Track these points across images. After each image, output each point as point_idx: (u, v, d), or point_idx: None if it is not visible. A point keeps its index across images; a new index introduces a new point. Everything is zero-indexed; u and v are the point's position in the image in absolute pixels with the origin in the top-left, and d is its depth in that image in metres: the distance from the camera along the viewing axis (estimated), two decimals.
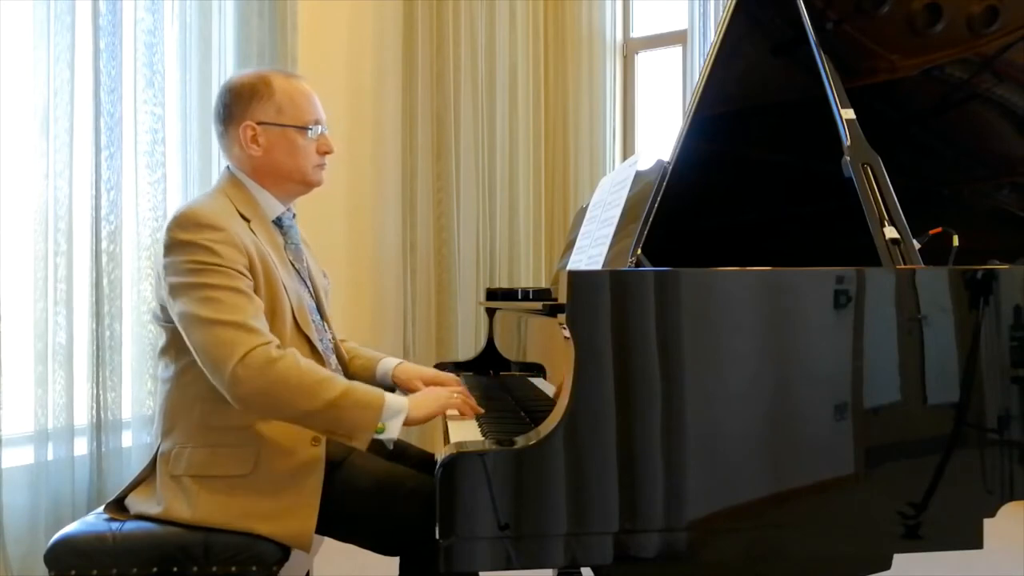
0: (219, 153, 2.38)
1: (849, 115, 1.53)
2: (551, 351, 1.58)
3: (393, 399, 1.54)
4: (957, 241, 1.56)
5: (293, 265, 1.74)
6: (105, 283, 2.61)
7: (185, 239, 1.52)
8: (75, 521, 1.62)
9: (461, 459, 1.21)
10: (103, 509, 1.62)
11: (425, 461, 1.85)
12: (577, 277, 1.25)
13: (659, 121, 4.29)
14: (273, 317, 1.58)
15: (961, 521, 1.29)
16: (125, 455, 2.68)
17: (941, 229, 1.56)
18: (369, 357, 1.94)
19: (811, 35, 1.62)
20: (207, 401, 1.55)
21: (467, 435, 1.54)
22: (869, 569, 1.30)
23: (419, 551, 1.56)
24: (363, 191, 3.90)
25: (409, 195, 3.93)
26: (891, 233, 1.42)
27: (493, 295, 2.71)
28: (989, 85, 1.80)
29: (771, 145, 1.94)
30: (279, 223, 1.74)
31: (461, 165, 3.95)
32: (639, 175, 1.66)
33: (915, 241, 1.43)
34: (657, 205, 1.52)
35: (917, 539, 1.28)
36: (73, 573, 1.50)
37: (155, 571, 1.49)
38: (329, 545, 1.75)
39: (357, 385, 1.53)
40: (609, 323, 1.24)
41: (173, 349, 1.60)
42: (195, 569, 1.49)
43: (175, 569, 1.49)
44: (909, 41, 1.80)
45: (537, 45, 4.18)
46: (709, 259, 1.38)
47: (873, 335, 1.28)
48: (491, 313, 2.61)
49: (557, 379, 1.45)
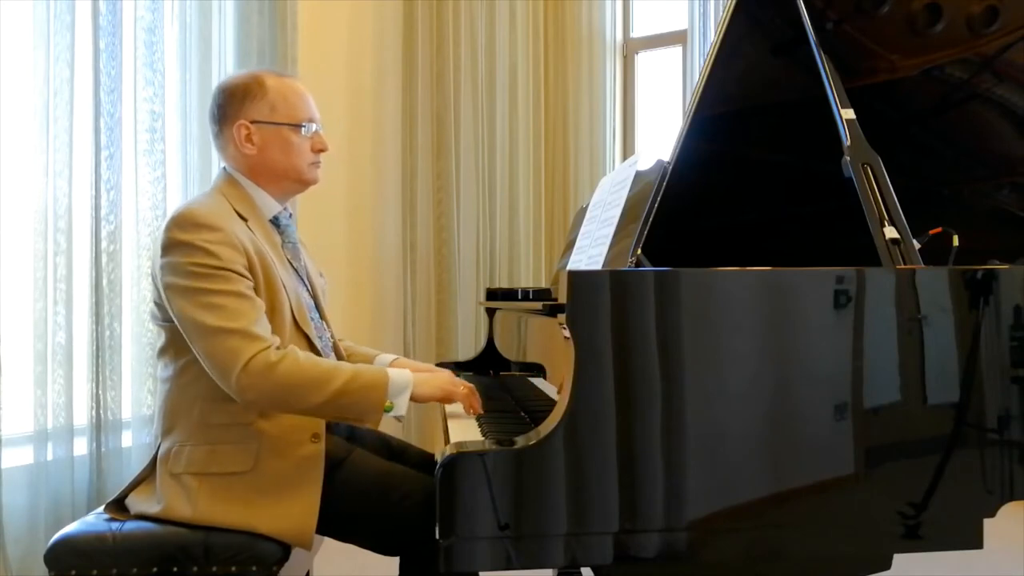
0: None
1: (849, 115, 1.53)
2: (551, 351, 1.58)
3: (398, 375, 1.56)
4: (957, 241, 1.56)
5: (291, 264, 1.74)
6: (105, 283, 2.61)
7: (183, 239, 1.52)
8: (75, 521, 1.62)
9: (461, 459, 1.21)
10: (103, 509, 1.62)
11: (425, 461, 1.85)
12: (577, 277, 1.25)
13: (659, 121, 4.29)
14: (272, 315, 1.59)
15: (961, 521, 1.29)
16: (125, 455, 2.68)
17: (941, 229, 1.56)
18: (365, 354, 1.97)
19: (811, 35, 1.62)
20: (206, 400, 1.56)
21: (467, 435, 1.54)
22: (869, 569, 1.30)
23: (419, 551, 1.56)
24: (363, 191, 3.90)
25: (409, 195, 3.94)
26: (891, 233, 1.42)
27: (493, 295, 2.71)
28: (989, 85, 1.80)
29: (771, 145, 1.94)
30: (276, 222, 1.75)
31: (461, 165, 3.95)
32: (639, 175, 1.66)
33: (915, 241, 1.43)
34: (657, 205, 1.52)
35: (917, 539, 1.28)
36: (73, 573, 1.50)
37: (155, 571, 1.49)
38: (329, 545, 1.75)
39: (360, 368, 1.56)
40: (609, 323, 1.24)
41: (172, 348, 1.61)
42: (195, 569, 1.49)
43: (175, 569, 1.49)
44: (909, 41, 1.80)
45: (537, 45, 4.19)
46: (709, 259, 1.38)
47: (873, 335, 1.28)
48: (491, 313, 2.61)
49: (557, 379, 1.45)
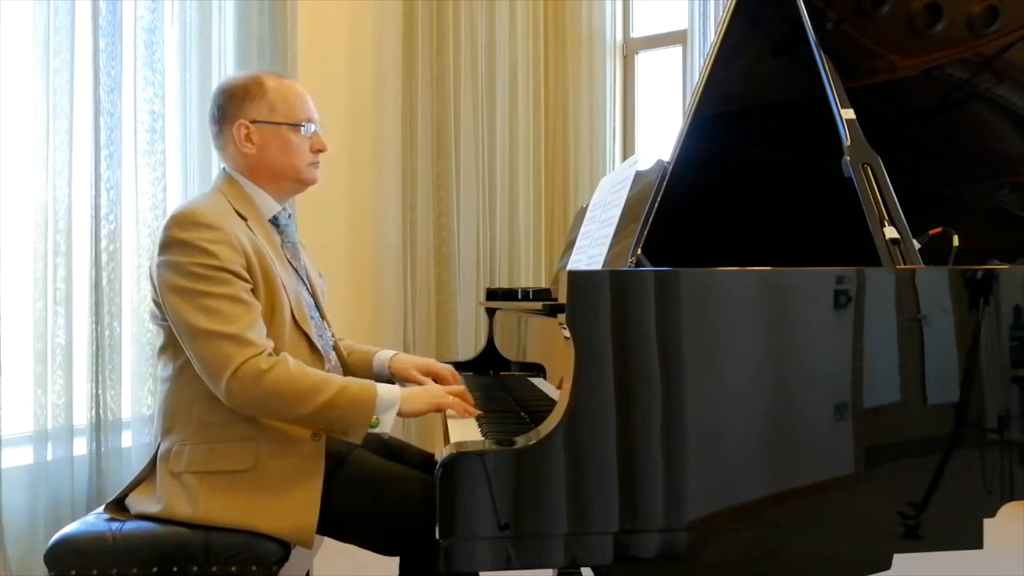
0: None
1: (849, 115, 1.53)
2: (551, 351, 1.58)
3: (386, 392, 1.57)
4: (957, 241, 1.56)
5: (291, 263, 1.75)
6: (105, 283, 2.61)
7: (183, 238, 1.53)
8: (75, 521, 1.62)
9: (461, 459, 1.21)
10: (103, 509, 1.62)
11: (425, 461, 1.85)
12: (577, 277, 1.25)
13: (659, 121, 4.29)
14: (272, 315, 1.59)
15: (961, 521, 1.29)
16: (125, 455, 2.67)
17: (941, 229, 1.56)
18: (366, 351, 1.97)
19: (811, 35, 1.62)
20: (206, 399, 1.56)
21: (467, 435, 1.54)
22: (869, 569, 1.30)
23: (419, 551, 1.56)
24: (363, 191, 3.90)
25: (409, 195, 3.93)
26: (891, 233, 1.42)
27: (493, 295, 2.71)
28: (989, 85, 1.80)
29: (771, 145, 1.94)
30: (275, 222, 1.75)
31: (461, 165, 3.95)
32: (639, 175, 1.66)
33: (915, 241, 1.43)
34: (657, 205, 1.52)
35: (917, 539, 1.28)
36: (73, 573, 1.50)
37: (155, 571, 1.49)
38: (329, 545, 1.75)
39: (350, 383, 1.57)
40: (609, 323, 1.24)
41: (171, 348, 1.61)
42: (195, 569, 1.49)
43: (175, 569, 1.49)
44: (909, 41, 1.80)
45: (537, 45, 4.18)
46: (709, 259, 1.38)
47: (873, 335, 1.28)
48: (491, 313, 2.61)
49: (557, 379, 1.45)
